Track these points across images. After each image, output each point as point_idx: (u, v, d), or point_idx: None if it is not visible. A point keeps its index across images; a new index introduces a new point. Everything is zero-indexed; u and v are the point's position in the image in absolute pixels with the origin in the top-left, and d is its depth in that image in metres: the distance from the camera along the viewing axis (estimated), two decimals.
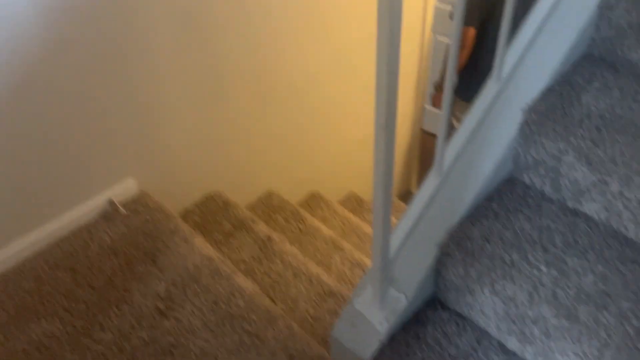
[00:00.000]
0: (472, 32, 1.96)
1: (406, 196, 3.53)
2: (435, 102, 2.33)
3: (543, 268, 0.90)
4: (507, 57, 0.91)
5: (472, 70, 2.04)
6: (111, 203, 1.53)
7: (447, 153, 0.93)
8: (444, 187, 0.98)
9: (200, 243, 1.46)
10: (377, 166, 0.75)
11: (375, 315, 0.98)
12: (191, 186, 1.83)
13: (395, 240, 0.95)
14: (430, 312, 1.02)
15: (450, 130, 0.99)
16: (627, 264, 0.89)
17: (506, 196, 1.03)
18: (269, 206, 2.10)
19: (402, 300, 0.98)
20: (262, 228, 1.76)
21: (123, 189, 1.56)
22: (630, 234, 0.92)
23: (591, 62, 1.02)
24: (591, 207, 0.95)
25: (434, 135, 3.66)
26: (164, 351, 1.20)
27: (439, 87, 2.33)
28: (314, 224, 2.03)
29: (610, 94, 0.95)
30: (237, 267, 1.50)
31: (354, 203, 2.68)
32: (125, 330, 1.25)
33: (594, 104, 0.94)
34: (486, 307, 0.94)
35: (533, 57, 0.95)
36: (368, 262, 1.89)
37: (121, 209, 1.53)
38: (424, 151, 3.70)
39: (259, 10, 1.72)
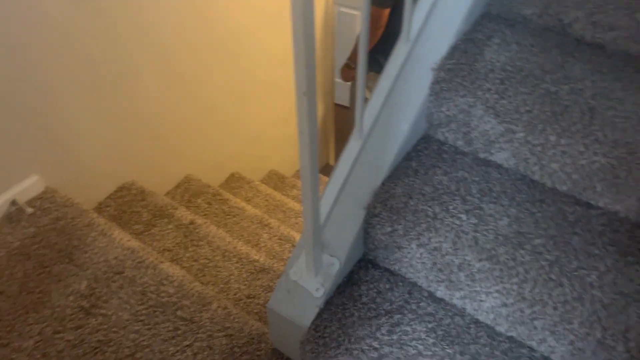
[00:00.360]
0: (387, 12, 1.99)
1: (326, 169, 3.57)
2: (346, 76, 2.36)
3: (463, 217, 0.95)
4: (414, 17, 0.94)
5: (385, 42, 2.07)
6: (14, 203, 1.41)
7: (365, 116, 0.95)
8: (365, 150, 1.00)
9: (120, 235, 1.39)
10: (302, 133, 0.75)
11: (310, 282, 0.99)
12: (103, 178, 1.73)
13: (324, 206, 0.96)
14: (362, 273, 1.05)
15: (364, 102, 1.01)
16: (536, 205, 0.96)
17: (423, 154, 1.07)
18: (189, 191, 2.04)
19: (335, 264, 1.00)
20: (183, 214, 1.71)
21: (27, 188, 1.44)
22: (536, 177, 0.99)
23: (490, 20, 1.08)
24: (501, 156, 1.02)
25: (347, 108, 3.72)
26: (94, 350, 1.14)
27: (350, 63, 2.36)
28: (237, 204, 2.00)
29: (509, 48, 1.01)
30: (163, 256, 1.45)
31: (276, 180, 2.67)
32: (47, 334, 1.17)
33: (496, 58, 0.99)
34: (414, 260, 0.98)
35: (438, 17, 0.99)
36: (296, 236, 1.91)
37: (27, 208, 1.41)
38: (339, 124, 3.75)
39: None
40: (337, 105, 3.66)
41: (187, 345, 1.15)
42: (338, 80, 3.72)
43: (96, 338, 1.17)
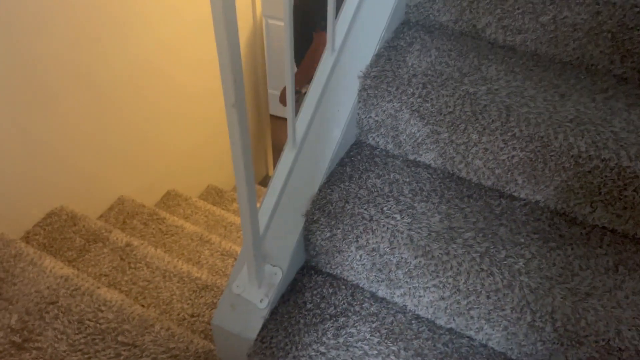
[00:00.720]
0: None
1: (265, 181, 3.57)
2: (282, 100, 2.37)
3: (397, 217, 0.98)
4: (337, 28, 0.97)
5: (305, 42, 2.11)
6: None
7: (298, 125, 0.96)
8: (300, 158, 1.01)
9: (51, 263, 1.33)
10: (234, 146, 0.76)
11: (254, 294, 0.99)
12: (29, 205, 1.64)
13: (263, 216, 0.96)
14: (305, 280, 1.07)
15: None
16: (465, 200, 1.01)
17: (356, 159, 1.10)
18: (123, 212, 1.97)
19: (278, 273, 1.00)
20: (118, 236, 1.66)
21: None
22: (462, 174, 1.04)
23: (410, 27, 1.13)
24: (428, 156, 1.06)
25: (282, 119, 3.73)
26: None
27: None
28: (175, 222, 1.96)
29: (429, 53, 1.06)
30: (99, 282, 1.40)
31: (215, 195, 2.63)
32: None
33: (418, 64, 1.04)
34: (355, 262, 1.00)
35: (360, 27, 1.03)
36: (238, 250, 1.89)
37: None
38: (276, 135, 3.76)
39: (81, 4, 1.59)
40: (272, 116, 3.68)
41: None
42: (271, 91, 3.73)
43: None
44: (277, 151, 3.77)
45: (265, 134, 3.61)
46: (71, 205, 1.75)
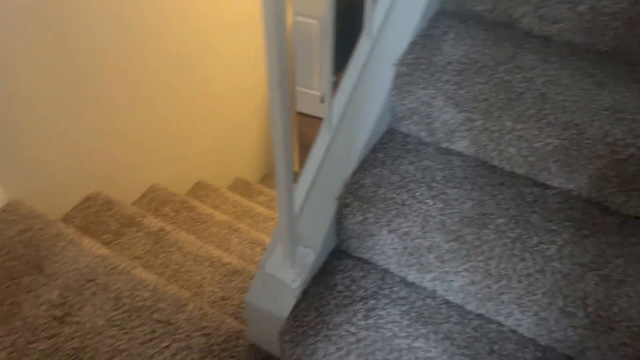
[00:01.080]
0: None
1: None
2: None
3: (429, 202, 1.00)
4: (374, 15, 0.99)
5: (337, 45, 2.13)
6: None
7: (334, 109, 0.98)
8: (335, 142, 1.04)
9: (90, 243, 1.38)
10: (275, 125, 0.78)
11: (287, 274, 1.02)
12: (68, 189, 1.70)
13: (298, 197, 0.99)
14: (336, 263, 1.09)
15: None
16: (497, 188, 1.02)
17: (389, 145, 1.12)
18: (155, 200, 2.02)
19: (310, 254, 1.03)
20: (152, 221, 1.70)
21: None
22: (495, 162, 1.05)
23: (445, 17, 1.14)
24: (461, 144, 1.07)
25: (309, 116, 3.76)
26: (70, 358, 1.13)
27: None
28: (205, 211, 2.00)
29: (464, 42, 1.07)
30: (135, 264, 1.44)
31: (243, 187, 2.68)
32: (20, 345, 1.14)
33: (453, 52, 1.05)
34: (386, 246, 1.02)
35: (396, 15, 1.04)
36: (266, 239, 1.92)
37: None
38: (302, 133, 3.79)
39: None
40: (299, 113, 3.71)
41: (165, 347, 1.15)
42: (299, 89, 3.77)
43: (71, 345, 1.15)
44: (304, 149, 3.81)
45: (292, 131, 3.64)
46: (106, 192, 1.81)
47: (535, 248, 0.92)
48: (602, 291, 0.85)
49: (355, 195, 1.03)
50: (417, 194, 1.02)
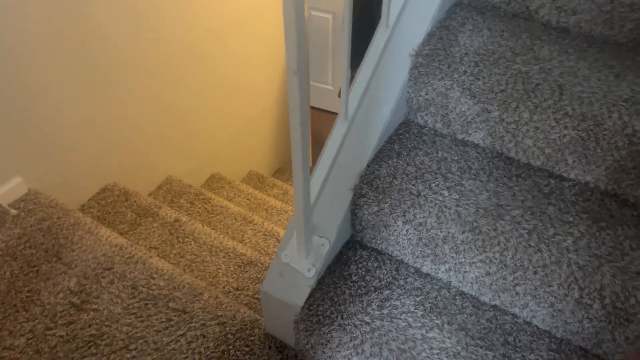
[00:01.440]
0: None
1: None
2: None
3: (445, 193, 1.00)
4: (392, 4, 0.99)
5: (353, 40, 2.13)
6: None
7: (350, 99, 0.99)
8: (351, 132, 1.04)
9: (107, 233, 1.40)
10: (293, 113, 0.79)
11: (302, 263, 1.03)
12: (85, 180, 1.73)
13: (314, 187, 0.99)
14: (351, 253, 1.09)
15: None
16: (513, 179, 1.02)
17: (405, 137, 1.12)
18: (171, 192, 2.04)
19: (326, 244, 1.03)
20: (168, 212, 1.72)
21: (10, 189, 1.44)
22: (511, 154, 1.05)
23: (462, 8, 1.14)
24: (477, 136, 1.07)
25: (320, 110, 3.77)
26: (87, 344, 1.15)
27: None
28: (220, 203, 2.02)
29: (481, 33, 1.07)
30: (151, 254, 1.46)
31: (256, 181, 2.69)
32: (39, 332, 1.17)
33: (470, 43, 1.05)
34: (401, 237, 1.02)
35: (414, 6, 1.04)
36: (280, 231, 1.93)
37: (10, 210, 1.41)
38: (315, 127, 3.80)
39: None
40: (313, 108, 3.71)
41: (180, 335, 1.17)
42: (313, 83, 3.77)
43: (89, 332, 1.17)
44: (317, 143, 3.81)
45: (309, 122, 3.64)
46: (123, 183, 1.83)
47: (552, 239, 0.91)
48: (619, 283, 0.85)
49: (371, 185, 1.03)
50: (432, 185, 1.02)
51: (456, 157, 1.07)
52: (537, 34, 1.07)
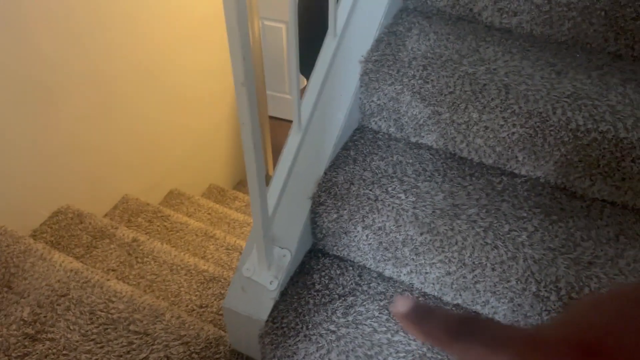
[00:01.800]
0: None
1: (266, 179, 3.58)
2: None
3: (402, 196, 1.01)
4: (338, 13, 0.99)
5: (309, 49, 2.14)
6: None
7: (302, 109, 0.99)
8: (306, 141, 1.04)
9: (60, 258, 1.35)
10: (244, 125, 0.78)
11: (264, 276, 1.01)
12: (36, 204, 1.66)
13: (271, 198, 0.99)
14: (313, 262, 1.09)
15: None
16: (467, 179, 1.04)
17: (360, 143, 1.12)
18: (128, 211, 1.99)
19: (287, 255, 1.02)
20: (125, 232, 1.68)
21: None
22: (464, 154, 1.07)
23: (408, 13, 1.15)
24: (430, 138, 1.09)
25: (280, 119, 3.76)
26: None
27: None
28: (180, 219, 1.98)
29: (428, 37, 1.09)
30: (108, 276, 1.41)
31: (217, 194, 2.65)
32: None
33: (417, 47, 1.07)
34: (362, 243, 1.02)
35: (360, 13, 1.05)
36: (243, 244, 1.91)
37: None
38: (275, 137, 3.79)
39: (83, 7, 1.61)
40: (271, 117, 3.70)
41: (143, 358, 1.13)
42: (270, 93, 3.76)
43: None
44: (277, 152, 3.80)
45: (264, 135, 3.64)
46: (77, 205, 1.77)
47: (507, 235, 0.93)
48: (572, 274, 0.87)
49: (329, 193, 1.03)
50: (389, 189, 1.03)
51: (411, 160, 1.08)
52: (482, 35, 1.10)
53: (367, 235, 1.01)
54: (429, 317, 0.27)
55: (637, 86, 0.97)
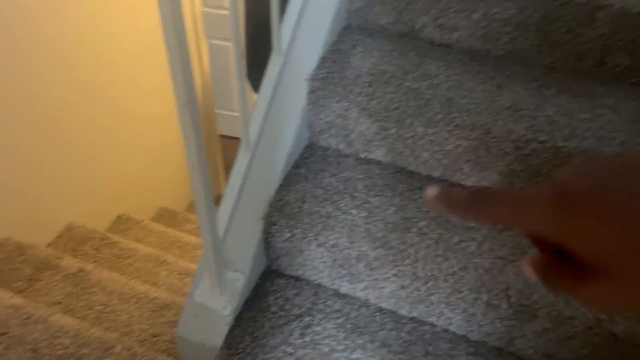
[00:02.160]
0: None
1: (219, 199, 3.53)
2: None
3: (354, 212, 1.01)
4: (282, 32, 0.99)
5: (257, 63, 2.14)
6: None
7: (250, 129, 0.97)
8: (255, 161, 1.02)
9: (0, 294, 1.27)
10: (189, 147, 0.76)
11: (217, 301, 0.99)
12: None
13: (222, 221, 0.96)
14: (268, 284, 1.07)
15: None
16: (416, 192, 1.05)
17: (310, 160, 1.12)
18: (73, 239, 1.90)
19: (240, 279, 1.00)
20: (70, 262, 1.60)
21: None
22: (412, 167, 1.08)
23: (352, 31, 1.17)
24: (379, 153, 1.10)
25: (231, 138, 3.72)
26: None
27: None
28: (129, 245, 1.91)
29: (372, 54, 1.10)
30: (53, 310, 1.34)
31: (167, 217, 2.59)
32: None
33: (362, 64, 1.08)
34: (316, 261, 1.02)
35: (304, 31, 1.06)
36: (196, 268, 1.86)
37: None
38: (226, 155, 3.75)
39: (19, 27, 1.55)
40: (222, 136, 3.66)
41: None
42: (219, 111, 3.72)
43: None
44: (229, 170, 3.76)
45: (215, 154, 3.59)
46: (17, 236, 1.68)
47: (457, 246, 0.95)
48: (521, 281, 0.90)
49: (281, 212, 1.02)
50: (341, 205, 1.03)
51: (361, 176, 1.09)
52: (424, 51, 1.12)
53: (321, 253, 1.00)
54: (454, 193, 0.33)
55: (572, 97, 1.02)
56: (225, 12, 3.19)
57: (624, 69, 1.03)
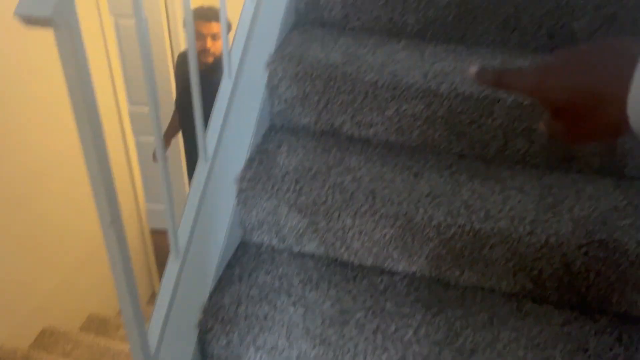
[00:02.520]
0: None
1: (153, 298, 3.37)
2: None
3: (291, 309, 1.01)
4: (207, 139, 1.02)
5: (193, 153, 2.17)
6: None
7: (180, 234, 0.97)
8: (186, 268, 1.01)
9: None
10: (115, 267, 0.75)
11: None
12: None
13: (153, 335, 0.93)
14: None
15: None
16: (350, 282, 1.07)
17: (244, 259, 1.12)
18: None
19: None
20: None
21: None
22: (345, 258, 1.11)
23: (276, 131, 1.22)
24: (311, 246, 1.12)
25: (164, 232, 3.63)
26: None
27: None
28: None
29: (297, 152, 1.15)
30: None
31: (98, 324, 2.43)
32: None
33: (288, 162, 1.12)
34: None
35: (230, 135, 1.09)
36: None
37: None
38: (158, 250, 3.63)
39: None
40: (153, 230, 3.57)
41: None
42: (150, 205, 3.65)
43: None
44: (162, 266, 3.63)
45: (147, 250, 3.47)
46: None
47: (395, 335, 0.96)
48: None
49: (216, 318, 1.00)
50: (277, 303, 1.02)
51: (296, 270, 1.10)
52: (345, 146, 1.19)
53: (260, 357, 0.98)
54: (488, 72, 0.49)
55: (482, 181, 1.10)
56: None
57: (525, 152, 1.14)
